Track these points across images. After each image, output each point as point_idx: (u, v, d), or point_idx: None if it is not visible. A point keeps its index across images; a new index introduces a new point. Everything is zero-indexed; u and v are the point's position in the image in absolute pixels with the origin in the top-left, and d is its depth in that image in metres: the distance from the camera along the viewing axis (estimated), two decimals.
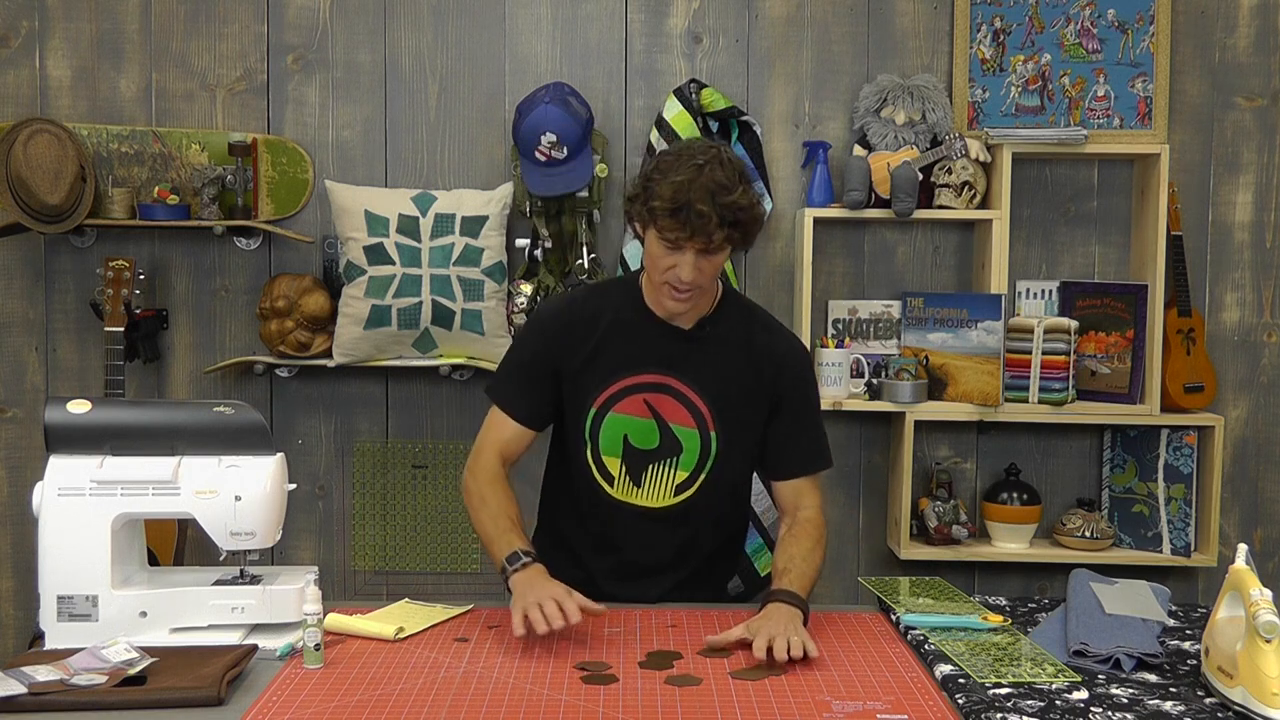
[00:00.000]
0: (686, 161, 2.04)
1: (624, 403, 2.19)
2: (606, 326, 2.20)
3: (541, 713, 1.67)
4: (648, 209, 2.05)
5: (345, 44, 3.33)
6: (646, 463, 2.21)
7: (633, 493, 2.23)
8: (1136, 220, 3.34)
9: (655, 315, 2.19)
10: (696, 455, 2.21)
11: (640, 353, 2.19)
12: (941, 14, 3.33)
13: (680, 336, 2.20)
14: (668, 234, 2.04)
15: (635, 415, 2.19)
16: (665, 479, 2.22)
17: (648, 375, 2.19)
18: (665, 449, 2.21)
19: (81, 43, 3.31)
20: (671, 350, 2.19)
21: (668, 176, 2.03)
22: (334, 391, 3.38)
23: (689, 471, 2.22)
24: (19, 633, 3.39)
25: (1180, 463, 3.26)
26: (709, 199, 2.00)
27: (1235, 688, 1.65)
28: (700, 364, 2.19)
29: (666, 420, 2.20)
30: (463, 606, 2.15)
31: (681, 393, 2.19)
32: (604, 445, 2.21)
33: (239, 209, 3.24)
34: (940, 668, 1.82)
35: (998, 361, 3.19)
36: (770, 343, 2.25)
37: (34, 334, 3.37)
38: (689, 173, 2.02)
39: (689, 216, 2.01)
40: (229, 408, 1.99)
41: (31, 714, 1.65)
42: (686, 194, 2.01)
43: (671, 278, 2.08)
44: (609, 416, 2.20)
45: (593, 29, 3.34)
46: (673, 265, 2.06)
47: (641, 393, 2.19)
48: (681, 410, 2.20)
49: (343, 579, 3.40)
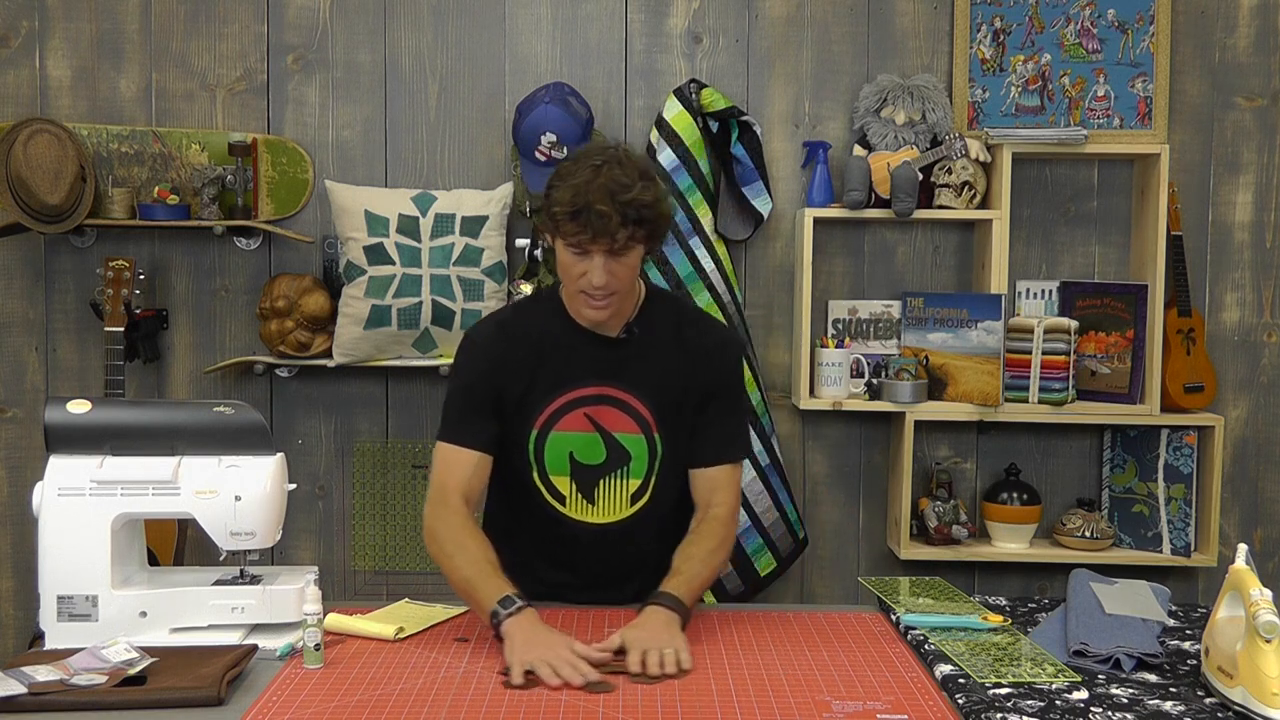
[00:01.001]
0: (584, 164, 2.01)
1: (565, 419, 2.15)
2: (538, 344, 2.16)
3: (541, 713, 1.67)
4: (549, 215, 2.03)
5: (345, 44, 3.33)
6: (597, 478, 2.17)
7: (587, 510, 2.18)
8: (1136, 220, 3.34)
9: (582, 326, 2.14)
10: (646, 461, 2.17)
11: (574, 367, 2.15)
12: (941, 14, 3.33)
13: (609, 344, 2.15)
14: (571, 238, 2.01)
15: (578, 431, 2.15)
16: (619, 491, 2.18)
17: (585, 388, 2.14)
18: (613, 461, 2.16)
19: (81, 43, 3.31)
20: (604, 359, 2.15)
21: (566, 181, 2.00)
22: (334, 391, 3.38)
23: (641, 479, 2.18)
24: (19, 633, 3.39)
25: (1180, 463, 3.26)
26: (608, 198, 1.97)
27: (1235, 688, 1.65)
28: (634, 368, 2.15)
29: (610, 431, 2.15)
30: (463, 606, 2.15)
31: (621, 400, 2.15)
32: (550, 465, 2.16)
33: (239, 209, 3.24)
34: (940, 668, 1.82)
35: (998, 361, 3.18)
36: (699, 337, 2.20)
37: (34, 334, 3.37)
38: (586, 175, 1.99)
39: (590, 218, 1.97)
40: (229, 408, 1.99)
41: (31, 714, 1.65)
42: (585, 196, 1.97)
43: (585, 284, 2.04)
44: (552, 435, 2.15)
45: (593, 29, 3.34)
46: (584, 271, 2.03)
47: (581, 407, 2.15)
48: (624, 418, 2.15)
49: (343, 579, 3.40)
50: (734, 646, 1.97)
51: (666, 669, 1.82)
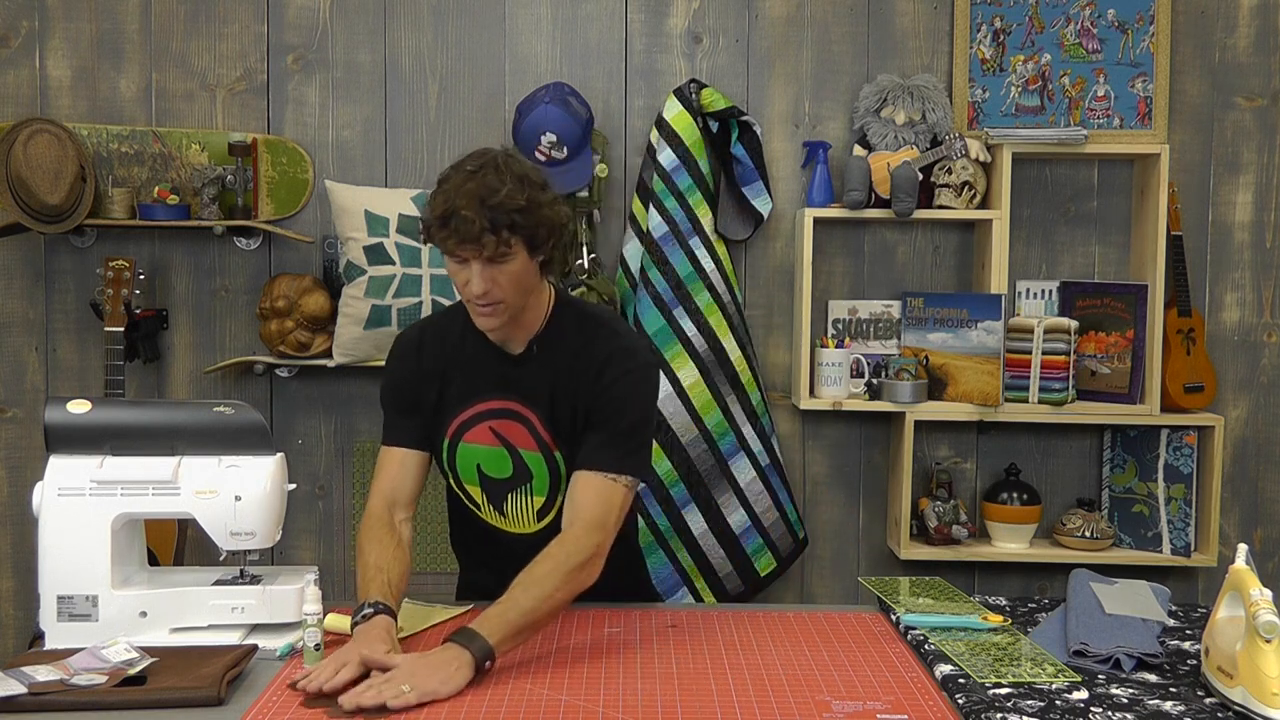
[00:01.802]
0: (459, 170, 1.97)
1: (473, 431, 2.13)
2: (452, 351, 2.15)
3: (541, 713, 1.67)
4: (425, 229, 1.99)
5: (345, 44, 3.34)
6: (505, 492, 2.16)
7: (500, 520, 2.19)
8: (1136, 220, 3.34)
9: (490, 340, 2.11)
10: (547, 480, 2.13)
11: (482, 379, 2.13)
12: (941, 14, 3.33)
13: (513, 360, 2.12)
14: (440, 244, 1.97)
15: (485, 444, 2.13)
16: (525, 506, 2.16)
17: (492, 401, 2.12)
18: (518, 476, 2.14)
19: (81, 43, 3.31)
20: (508, 374, 2.12)
21: (440, 188, 1.97)
22: (334, 391, 3.38)
23: (544, 496, 2.15)
24: (19, 633, 3.39)
25: (1180, 463, 3.26)
26: (475, 204, 1.91)
27: (1235, 688, 1.65)
28: (534, 386, 2.09)
29: (516, 447, 2.12)
30: (463, 607, 2.15)
31: (524, 416, 2.11)
32: (462, 475, 2.17)
33: (239, 209, 3.24)
34: (940, 668, 1.82)
35: (998, 361, 3.18)
36: (593, 349, 2.09)
37: (34, 334, 3.37)
38: (458, 180, 1.94)
39: (456, 224, 1.91)
40: (229, 408, 1.99)
41: (31, 714, 1.65)
42: (453, 201, 1.93)
43: (468, 293, 1.99)
44: (461, 446, 2.14)
45: (593, 29, 3.34)
46: (466, 280, 1.97)
47: (488, 420, 2.13)
48: (526, 435, 2.12)
49: (343, 579, 3.40)
50: (734, 646, 1.97)
51: (366, 704, 1.67)
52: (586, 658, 1.90)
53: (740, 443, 3.23)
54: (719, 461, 3.22)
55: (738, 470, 3.23)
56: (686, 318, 3.20)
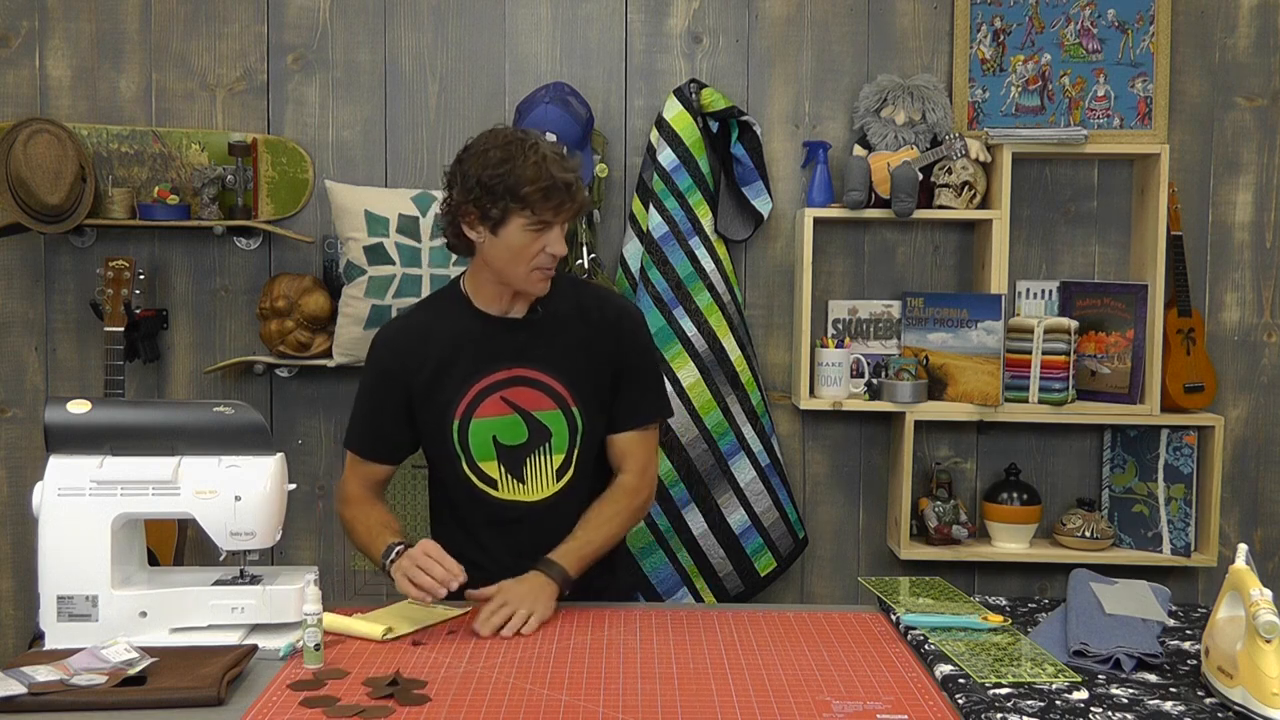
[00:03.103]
0: (519, 146, 2.08)
1: (484, 405, 2.20)
2: (444, 338, 2.22)
3: (541, 713, 1.67)
4: (517, 199, 2.06)
5: (345, 44, 3.34)
6: (523, 457, 2.23)
7: (518, 489, 2.24)
8: (1136, 220, 3.34)
9: (488, 314, 2.22)
10: (566, 436, 2.23)
11: (486, 353, 2.21)
12: (941, 14, 3.33)
13: (518, 326, 2.22)
14: (545, 214, 2.08)
15: (498, 415, 2.21)
16: (544, 468, 2.24)
17: (499, 372, 2.20)
18: (535, 439, 2.22)
19: (81, 43, 3.31)
20: (515, 341, 2.21)
21: (517, 164, 2.06)
22: (334, 391, 3.38)
23: (564, 454, 2.24)
24: (19, 633, 3.39)
25: (1180, 463, 3.26)
26: (564, 168, 2.09)
27: (1235, 688, 1.65)
28: (545, 346, 2.21)
29: (529, 410, 2.21)
30: (462, 608, 2.15)
31: (536, 379, 2.21)
32: (476, 452, 2.22)
33: (239, 209, 3.24)
34: (940, 668, 1.82)
35: (998, 361, 3.18)
36: (603, 311, 2.27)
37: (34, 334, 3.37)
38: (534, 153, 2.07)
39: (559, 189, 2.06)
40: (229, 408, 1.99)
41: (31, 714, 1.65)
42: (548, 170, 2.05)
43: (542, 260, 2.12)
44: (474, 423, 2.21)
45: (593, 29, 3.34)
46: (542, 246, 2.10)
47: (498, 391, 2.20)
48: (540, 396, 2.21)
49: (343, 579, 3.40)
50: (734, 646, 1.97)
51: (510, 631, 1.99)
52: (586, 658, 1.90)
53: (740, 443, 3.23)
54: (719, 461, 3.22)
55: (738, 470, 3.23)
56: (686, 318, 3.20)
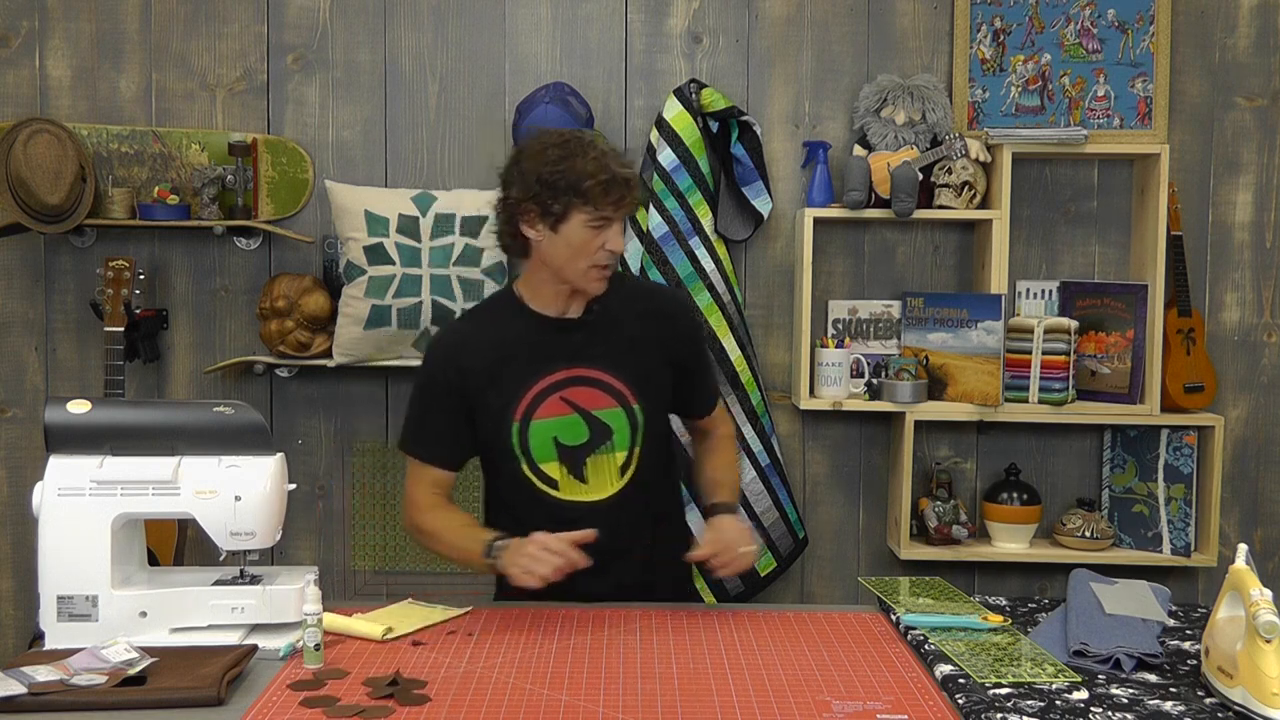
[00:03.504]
0: (576, 143, 2.12)
1: (543, 407, 2.20)
2: (500, 341, 2.22)
3: (541, 713, 1.67)
4: (579, 194, 2.08)
5: (345, 44, 3.33)
6: (584, 457, 2.23)
7: (579, 490, 2.24)
8: (1136, 220, 3.34)
9: (544, 316, 2.23)
10: (628, 432, 2.24)
11: (542, 354, 2.21)
12: (941, 14, 3.33)
13: (573, 326, 2.23)
14: (605, 210, 2.10)
15: (558, 415, 2.21)
16: (607, 466, 2.24)
17: (557, 373, 2.21)
18: (597, 438, 2.22)
19: (81, 43, 3.31)
20: (572, 341, 2.22)
21: (577, 160, 2.09)
22: (334, 391, 3.38)
23: (626, 450, 2.24)
24: (19, 633, 3.39)
25: (1180, 463, 3.26)
26: (621, 164, 2.12)
27: (1235, 688, 1.65)
28: (602, 344, 2.22)
29: (589, 409, 2.21)
30: (461, 608, 2.15)
31: (594, 378, 2.21)
32: (537, 454, 2.21)
33: (239, 209, 3.24)
34: (940, 668, 1.82)
35: (998, 361, 3.18)
36: (655, 303, 2.33)
37: (34, 334, 3.37)
38: (592, 149, 2.11)
39: (618, 184, 2.09)
40: (229, 408, 1.99)
41: (31, 714, 1.65)
42: (608, 165, 2.09)
43: (601, 257, 2.14)
44: (533, 424, 2.20)
45: (593, 29, 3.34)
46: (602, 242, 2.12)
47: (556, 391, 2.20)
48: (600, 395, 2.22)
49: (343, 579, 3.40)
50: (734, 646, 1.97)
51: (745, 567, 2.18)
52: (586, 658, 1.90)
53: (740, 442, 3.23)
54: None
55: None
56: None
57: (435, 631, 2.04)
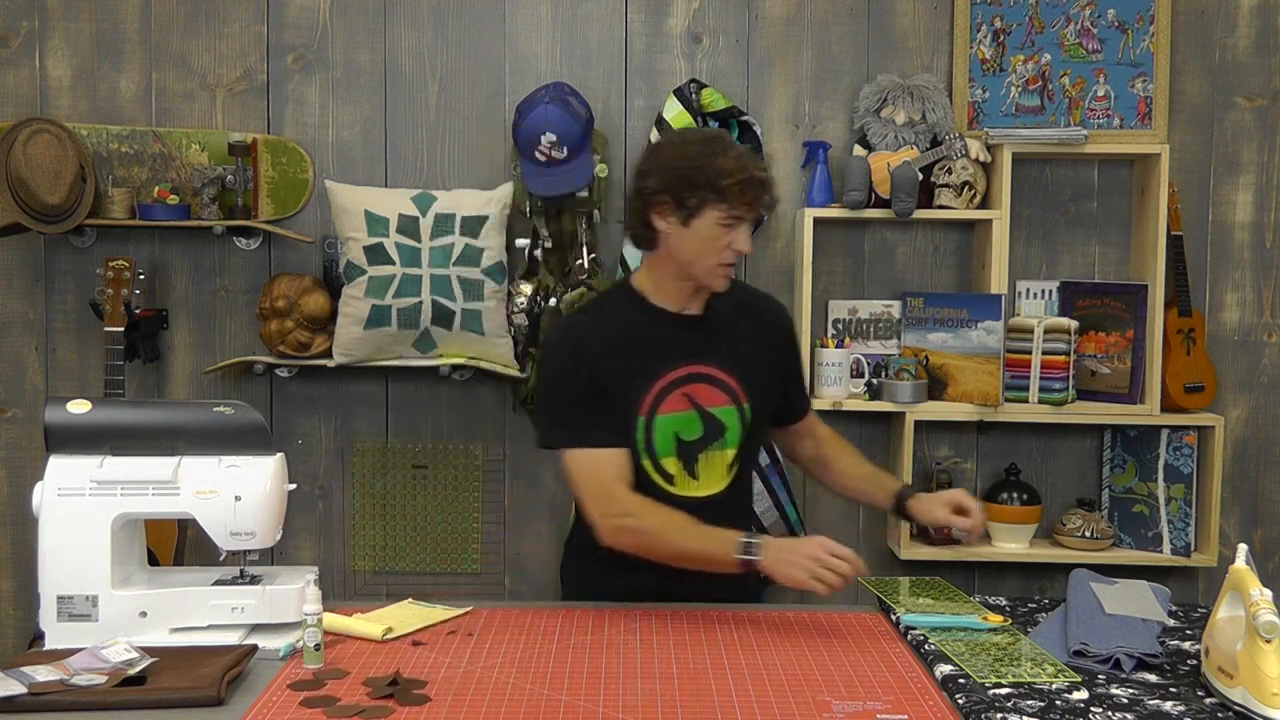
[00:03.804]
0: (715, 142, 2.17)
1: (667, 402, 2.24)
2: (628, 335, 2.24)
3: (541, 713, 1.67)
4: (716, 190, 2.12)
5: (345, 44, 3.33)
6: (697, 453, 2.26)
7: (691, 486, 2.27)
8: (1136, 220, 3.34)
9: (665, 311, 2.27)
10: (738, 431, 2.28)
11: (666, 349, 2.25)
12: (941, 14, 3.33)
13: (694, 323, 2.28)
14: (739, 208, 2.14)
15: (679, 411, 2.24)
16: (717, 463, 2.28)
17: (679, 369, 2.24)
18: (710, 434, 2.26)
19: (81, 43, 3.31)
20: (692, 338, 2.27)
21: (716, 157, 2.13)
22: (334, 391, 3.38)
23: (735, 448, 2.29)
24: (19, 633, 3.39)
25: (1180, 463, 3.26)
26: (758, 166, 2.18)
27: (1235, 688, 1.65)
28: (719, 342, 2.28)
29: (705, 406, 2.26)
30: (461, 609, 2.15)
31: (712, 375, 2.26)
32: (659, 448, 2.24)
33: (239, 209, 3.24)
34: (940, 668, 1.82)
35: (998, 361, 3.18)
36: (763, 308, 2.41)
37: (34, 334, 3.37)
38: (731, 149, 2.15)
39: (755, 184, 2.14)
40: (229, 408, 1.99)
41: (31, 714, 1.65)
42: (745, 166, 2.13)
43: (727, 255, 2.18)
44: (658, 419, 2.23)
45: (593, 29, 3.34)
46: (729, 241, 2.16)
47: (678, 387, 2.24)
48: (715, 392, 2.26)
49: (343, 579, 3.40)
50: (734, 646, 1.97)
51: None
52: (586, 658, 1.90)
53: None
54: None
55: None
56: None
57: (435, 631, 2.04)
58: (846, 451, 2.53)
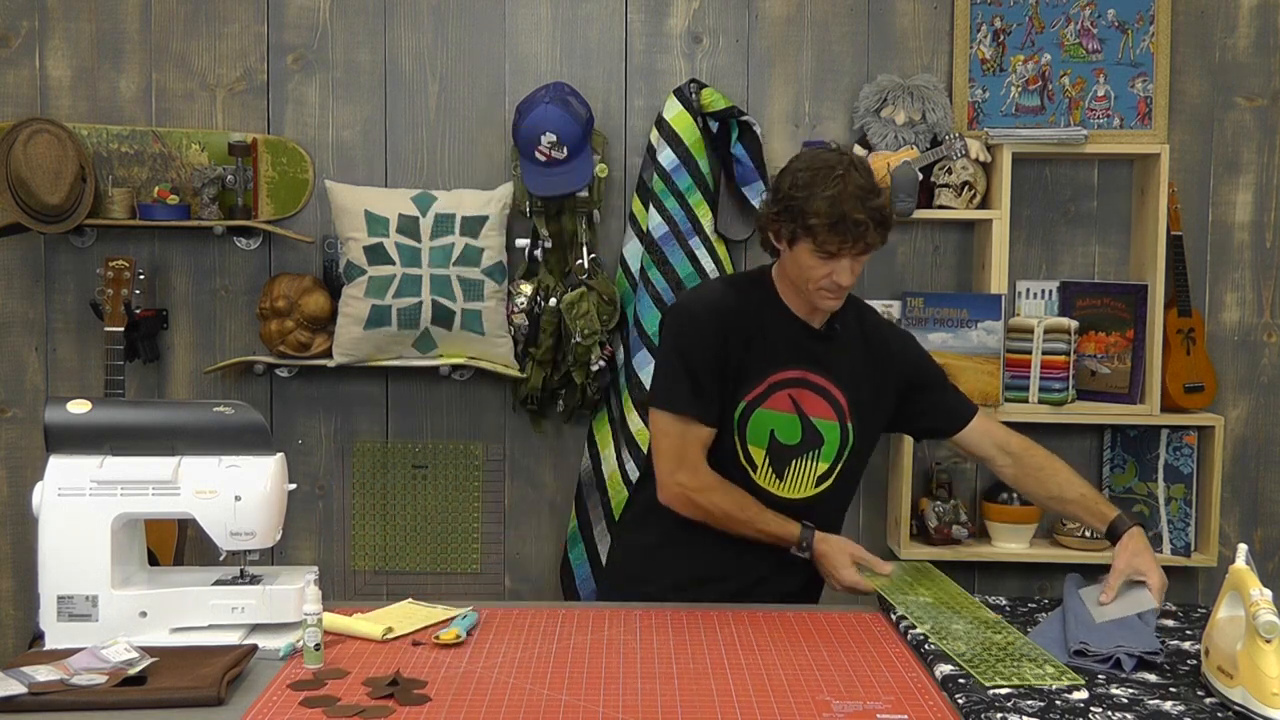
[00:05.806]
0: (826, 174, 2.13)
1: (772, 399, 2.26)
2: (755, 323, 2.27)
3: (541, 713, 1.67)
4: (804, 227, 2.13)
5: (345, 44, 3.33)
6: (791, 457, 2.28)
7: (774, 483, 2.29)
8: (1136, 220, 3.34)
9: (792, 313, 2.29)
10: (836, 447, 2.30)
11: (785, 350, 2.27)
12: (941, 14, 3.33)
13: (816, 335, 2.30)
14: (828, 247, 2.13)
15: (781, 411, 2.27)
16: (808, 471, 2.30)
17: (791, 371, 2.27)
18: (808, 442, 2.28)
19: (81, 43, 3.31)
20: (812, 348, 2.29)
21: (815, 192, 2.11)
22: (334, 391, 3.38)
23: (829, 463, 2.31)
24: (19, 633, 3.39)
25: (1180, 463, 3.26)
26: (861, 206, 2.11)
27: (1235, 688, 1.65)
28: (835, 359, 2.30)
29: (808, 414, 2.28)
30: (461, 608, 2.15)
31: (822, 387, 2.28)
32: (750, 438, 2.27)
33: (239, 209, 3.24)
34: (940, 668, 1.82)
35: (998, 361, 3.18)
36: (883, 337, 2.40)
37: (34, 334, 3.37)
38: (836, 185, 2.11)
39: (848, 227, 2.11)
40: (229, 408, 1.99)
41: (31, 714, 1.65)
42: (841, 206, 2.10)
43: (828, 284, 2.18)
44: (757, 412, 2.26)
45: (593, 29, 3.34)
46: (828, 272, 2.17)
47: (786, 388, 2.27)
48: (822, 403, 2.28)
49: (343, 579, 3.40)
50: (734, 646, 1.97)
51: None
52: (586, 658, 1.90)
53: None
54: None
55: None
56: None
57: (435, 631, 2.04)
58: (1048, 473, 2.35)
